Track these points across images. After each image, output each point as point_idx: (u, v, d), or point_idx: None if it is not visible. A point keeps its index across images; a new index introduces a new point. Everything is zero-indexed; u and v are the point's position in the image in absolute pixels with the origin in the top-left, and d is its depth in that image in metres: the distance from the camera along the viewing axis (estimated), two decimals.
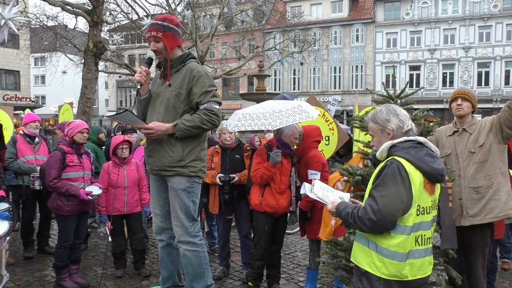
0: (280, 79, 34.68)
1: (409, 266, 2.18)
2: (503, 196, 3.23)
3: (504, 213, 3.23)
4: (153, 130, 3.16)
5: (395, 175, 2.14)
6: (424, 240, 2.23)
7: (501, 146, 3.26)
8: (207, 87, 3.21)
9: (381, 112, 2.36)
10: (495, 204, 3.21)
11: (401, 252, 2.17)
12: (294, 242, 6.29)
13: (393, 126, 2.30)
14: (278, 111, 4.13)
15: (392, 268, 2.18)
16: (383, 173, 2.20)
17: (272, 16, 30.68)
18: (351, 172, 3.23)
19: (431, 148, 2.28)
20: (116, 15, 18.76)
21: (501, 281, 4.79)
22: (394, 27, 31.12)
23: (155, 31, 3.21)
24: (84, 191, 4.31)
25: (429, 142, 2.30)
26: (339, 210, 2.37)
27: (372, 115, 2.41)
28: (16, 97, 30.75)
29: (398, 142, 2.25)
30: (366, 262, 2.27)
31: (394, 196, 2.12)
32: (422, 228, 2.22)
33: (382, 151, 2.29)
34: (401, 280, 2.19)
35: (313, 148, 4.32)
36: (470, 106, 3.40)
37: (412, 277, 2.19)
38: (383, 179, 2.18)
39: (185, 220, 3.28)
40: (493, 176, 3.23)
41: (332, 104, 8.24)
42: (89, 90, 10.25)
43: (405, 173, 2.14)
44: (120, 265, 4.87)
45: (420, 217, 2.20)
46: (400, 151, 2.22)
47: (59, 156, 4.30)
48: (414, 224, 2.18)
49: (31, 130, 5.35)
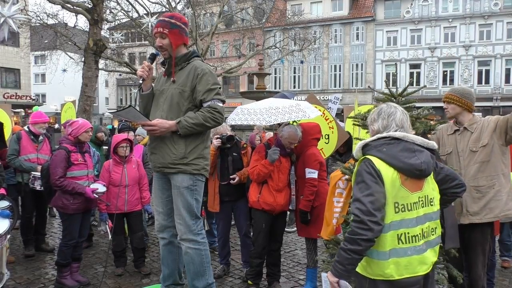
0: (280, 78, 34.65)
1: (393, 265, 2.13)
2: (504, 197, 3.23)
3: (504, 213, 3.25)
4: (156, 127, 3.16)
5: (368, 172, 2.13)
6: (409, 238, 2.16)
7: (503, 147, 3.26)
8: (211, 85, 3.21)
9: (377, 110, 2.35)
10: (496, 205, 3.22)
11: (380, 250, 2.13)
12: (294, 240, 6.30)
13: (374, 128, 2.31)
14: (275, 108, 4.19)
15: (375, 267, 2.15)
16: (358, 175, 2.18)
17: (273, 14, 30.65)
18: (353, 171, 3.22)
19: (415, 141, 2.22)
20: (116, 13, 18.79)
21: (501, 279, 4.79)
22: (394, 25, 31.06)
23: (162, 27, 3.22)
24: (90, 189, 4.33)
25: (411, 135, 2.24)
26: (335, 265, 2.16)
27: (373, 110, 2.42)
28: (17, 95, 30.72)
29: (371, 141, 2.25)
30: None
31: (376, 193, 2.10)
32: (404, 225, 2.15)
33: (356, 151, 2.30)
34: (387, 279, 2.14)
35: (312, 146, 4.31)
36: (455, 107, 3.39)
37: (399, 276, 2.13)
38: (359, 179, 2.16)
39: (188, 218, 3.29)
40: (494, 176, 3.23)
41: (334, 102, 8.21)
42: (89, 88, 10.26)
43: (373, 170, 2.13)
44: (120, 263, 4.88)
45: (400, 215, 2.14)
46: (372, 150, 2.21)
47: (64, 155, 4.31)
48: (392, 222, 2.13)
49: (38, 130, 5.37)
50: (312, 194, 4.10)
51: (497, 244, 5.05)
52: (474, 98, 3.44)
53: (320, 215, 4.04)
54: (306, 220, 4.15)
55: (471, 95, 3.42)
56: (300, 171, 4.26)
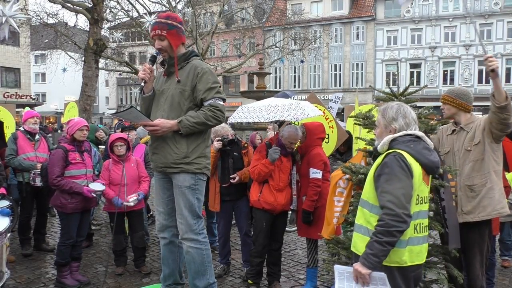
0: (280, 77, 34.64)
1: (408, 252, 2.30)
2: (496, 194, 3.24)
3: (497, 211, 3.24)
4: (158, 127, 3.16)
5: (400, 166, 2.27)
6: (422, 228, 2.38)
7: (493, 145, 3.27)
8: (211, 84, 3.22)
9: (391, 108, 2.48)
10: (488, 202, 3.23)
11: (401, 239, 2.26)
12: (294, 240, 6.30)
13: (397, 126, 2.44)
14: (275, 105, 4.22)
15: (393, 255, 2.27)
16: (387, 166, 2.30)
17: (273, 14, 30.64)
18: (354, 170, 3.23)
19: (427, 142, 2.43)
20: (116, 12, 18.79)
21: (501, 279, 4.79)
22: (394, 24, 31.05)
23: (160, 29, 3.21)
24: (87, 188, 4.33)
25: (425, 136, 2.44)
26: (368, 257, 2.23)
27: (384, 108, 2.54)
28: (17, 95, 30.73)
29: (398, 136, 2.40)
30: None
31: (406, 187, 2.24)
32: (420, 216, 2.37)
33: (383, 144, 2.42)
34: (401, 266, 2.30)
35: (316, 146, 4.31)
36: (450, 107, 3.42)
37: (411, 262, 2.31)
38: (387, 171, 2.28)
39: (189, 218, 3.29)
40: (487, 174, 3.25)
41: (335, 101, 8.21)
42: (90, 88, 10.25)
43: (404, 164, 2.27)
44: (120, 262, 4.88)
45: (418, 206, 2.35)
46: (400, 144, 2.36)
47: (61, 154, 4.31)
48: (413, 213, 2.30)
49: (30, 126, 5.36)
50: (316, 194, 4.10)
51: (497, 243, 5.05)
52: (471, 98, 3.44)
53: (322, 215, 4.04)
54: (309, 220, 4.15)
55: (467, 95, 3.42)
56: (304, 170, 4.25)
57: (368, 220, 2.37)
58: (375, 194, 2.35)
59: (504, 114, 3.08)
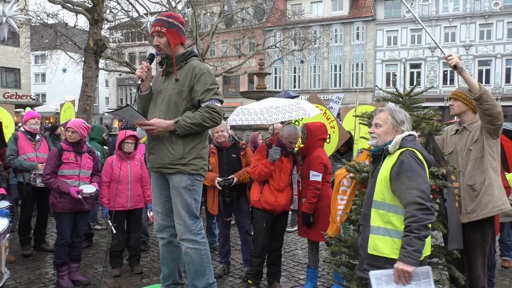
0: (280, 77, 34.63)
1: (428, 243, 2.50)
2: (495, 191, 3.23)
3: (497, 208, 3.23)
4: (154, 126, 3.14)
5: (417, 163, 2.43)
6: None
7: (490, 141, 3.26)
8: (209, 85, 3.20)
9: (400, 112, 2.66)
10: (489, 199, 3.22)
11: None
12: (294, 240, 6.30)
13: (404, 128, 2.63)
14: (275, 107, 4.20)
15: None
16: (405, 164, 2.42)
17: (273, 14, 30.61)
18: (358, 169, 3.23)
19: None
20: (116, 13, 18.77)
21: (502, 279, 4.79)
22: (394, 25, 31.04)
23: (159, 26, 3.21)
24: (74, 189, 4.30)
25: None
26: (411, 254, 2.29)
27: (392, 110, 2.67)
28: (17, 95, 30.70)
29: (406, 136, 2.58)
30: (391, 250, 2.43)
31: (427, 181, 2.42)
32: None
33: (395, 143, 2.54)
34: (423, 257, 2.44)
35: (318, 148, 4.27)
36: (462, 105, 3.41)
37: (425, 254, 2.46)
38: (407, 168, 2.41)
39: (187, 218, 3.28)
40: (485, 171, 3.25)
41: (336, 102, 8.19)
42: (90, 88, 10.25)
43: (419, 160, 2.46)
44: (116, 264, 4.83)
45: None
46: (408, 143, 2.53)
47: (55, 153, 4.37)
48: None
49: (31, 127, 5.37)
50: (315, 196, 4.09)
51: (497, 243, 5.05)
52: None
53: (322, 217, 4.04)
54: (309, 223, 4.14)
55: None
56: (305, 171, 4.24)
57: (387, 220, 2.46)
58: (391, 194, 2.45)
59: (484, 105, 3.09)
